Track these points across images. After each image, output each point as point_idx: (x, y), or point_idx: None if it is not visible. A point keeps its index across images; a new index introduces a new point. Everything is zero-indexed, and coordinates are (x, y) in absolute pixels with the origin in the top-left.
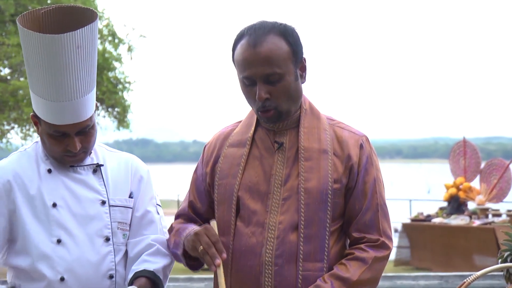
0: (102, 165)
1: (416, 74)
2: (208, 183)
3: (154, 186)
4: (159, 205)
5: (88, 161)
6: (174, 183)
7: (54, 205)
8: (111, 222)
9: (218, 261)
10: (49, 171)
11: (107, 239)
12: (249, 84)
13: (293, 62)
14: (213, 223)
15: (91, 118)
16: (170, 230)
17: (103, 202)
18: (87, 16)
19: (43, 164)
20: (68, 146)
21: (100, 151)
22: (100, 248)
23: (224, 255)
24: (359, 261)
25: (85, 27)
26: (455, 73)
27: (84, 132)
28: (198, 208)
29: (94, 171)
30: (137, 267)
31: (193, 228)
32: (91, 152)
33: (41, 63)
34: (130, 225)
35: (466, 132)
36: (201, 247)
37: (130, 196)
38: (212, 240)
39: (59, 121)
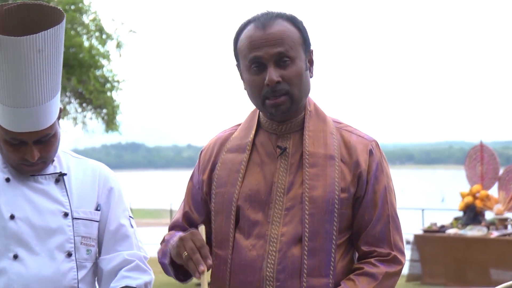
0: (66, 174)
1: (429, 72)
2: (205, 191)
3: (126, 197)
4: (132, 217)
5: (50, 169)
6: (167, 191)
7: (12, 217)
8: (74, 236)
9: (202, 267)
10: (7, 180)
11: (69, 255)
12: (257, 68)
13: (303, 49)
14: (201, 228)
15: (52, 126)
16: (163, 242)
17: (66, 214)
18: (54, 16)
19: (1, 173)
20: (25, 155)
21: (65, 159)
22: (61, 264)
23: (210, 262)
24: (368, 277)
25: (48, 30)
26: (472, 72)
27: (44, 141)
28: (195, 219)
29: (57, 181)
30: (117, 283)
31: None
32: (53, 160)
33: None
34: (102, 240)
35: (483, 136)
36: (185, 253)
37: (97, 209)
38: (197, 245)
39: (17, 128)
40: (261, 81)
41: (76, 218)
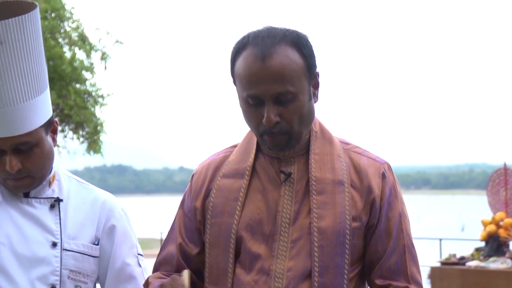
0: (62, 201)
1: (448, 87)
2: (199, 220)
3: (134, 232)
4: (141, 255)
5: (47, 193)
6: (157, 219)
7: None
8: (60, 268)
9: None
10: None
11: None
12: (254, 104)
13: (307, 78)
14: (185, 273)
15: (31, 134)
16: (146, 285)
17: (54, 244)
18: (20, 8)
19: None
20: (5, 166)
21: (66, 183)
22: None
23: None
24: None
25: (9, 20)
26: (495, 89)
27: (24, 150)
28: (188, 251)
29: (52, 207)
30: None
31: (160, 282)
32: (50, 183)
33: None
34: (104, 279)
35: (507, 158)
36: None
37: (95, 243)
38: None
39: None
40: (258, 116)
41: (66, 250)
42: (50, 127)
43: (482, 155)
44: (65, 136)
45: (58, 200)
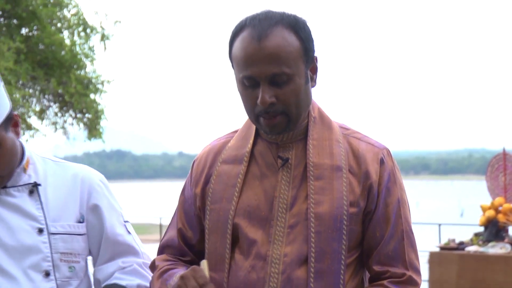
0: (40, 185)
1: (447, 72)
2: (199, 206)
3: (116, 199)
4: (127, 222)
5: (24, 179)
6: (156, 204)
7: None
8: (51, 253)
9: None
10: None
11: (47, 274)
12: (249, 86)
13: (304, 61)
14: (203, 263)
15: None
16: (153, 267)
17: (40, 230)
18: None
19: None
20: None
21: (42, 166)
22: (39, 285)
23: None
24: None
25: None
26: (494, 73)
27: None
28: (189, 237)
29: (31, 192)
30: (106, 282)
31: (180, 272)
32: (25, 169)
33: None
34: (97, 253)
35: (506, 143)
36: None
37: (80, 221)
38: (200, 283)
39: None
40: (253, 97)
41: (53, 234)
42: (9, 122)
43: (481, 140)
44: (65, 121)
45: (36, 185)
